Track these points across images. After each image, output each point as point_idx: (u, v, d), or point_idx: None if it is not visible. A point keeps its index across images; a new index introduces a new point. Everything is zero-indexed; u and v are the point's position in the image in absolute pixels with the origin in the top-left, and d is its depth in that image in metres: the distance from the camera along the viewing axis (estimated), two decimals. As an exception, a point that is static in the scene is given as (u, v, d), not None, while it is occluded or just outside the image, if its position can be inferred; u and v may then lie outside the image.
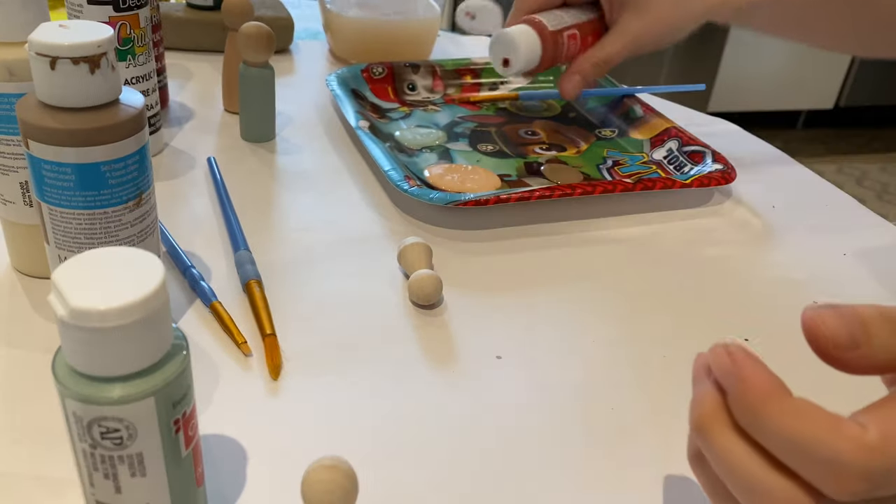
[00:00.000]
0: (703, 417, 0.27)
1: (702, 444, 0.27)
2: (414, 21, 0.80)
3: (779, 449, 0.25)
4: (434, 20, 0.80)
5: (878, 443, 0.24)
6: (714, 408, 0.27)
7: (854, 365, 0.26)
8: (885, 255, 0.54)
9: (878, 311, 0.26)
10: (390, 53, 0.77)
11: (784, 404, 0.25)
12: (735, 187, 0.61)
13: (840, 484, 0.24)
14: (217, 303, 0.42)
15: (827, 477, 0.24)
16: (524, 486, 0.34)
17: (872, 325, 0.26)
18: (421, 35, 0.80)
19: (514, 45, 0.58)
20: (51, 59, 0.33)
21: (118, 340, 0.23)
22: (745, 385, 0.25)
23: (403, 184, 0.52)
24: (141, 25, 0.53)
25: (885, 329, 0.26)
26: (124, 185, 0.36)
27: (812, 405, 0.25)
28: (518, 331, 0.43)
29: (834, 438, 0.24)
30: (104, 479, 0.26)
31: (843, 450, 0.23)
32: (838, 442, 0.24)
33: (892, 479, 0.24)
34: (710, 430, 0.27)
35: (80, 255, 0.25)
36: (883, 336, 0.26)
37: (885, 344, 0.26)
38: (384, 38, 0.78)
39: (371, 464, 0.34)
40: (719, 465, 0.27)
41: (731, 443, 0.26)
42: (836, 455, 0.23)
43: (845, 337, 0.26)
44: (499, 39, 0.59)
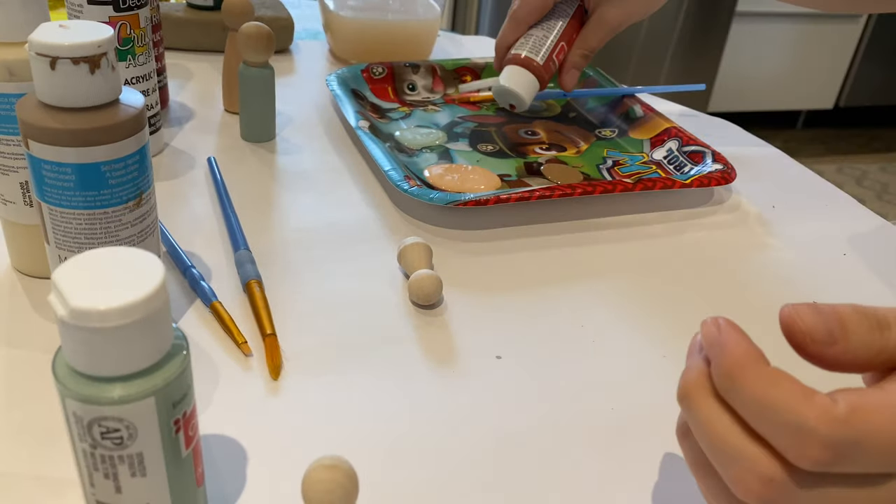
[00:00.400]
0: (687, 386, 0.28)
1: (685, 413, 0.28)
2: (414, 21, 0.80)
3: (751, 414, 0.25)
4: (434, 20, 0.80)
5: (845, 415, 0.24)
6: (698, 377, 0.28)
7: (832, 361, 0.27)
8: (885, 255, 0.54)
9: (856, 310, 0.26)
10: (390, 53, 0.77)
11: (759, 371, 0.25)
12: (735, 187, 0.61)
13: (804, 450, 0.24)
14: (217, 303, 0.42)
15: (792, 443, 0.24)
16: (524, 485, 0.34)
17: (850, 322, 0.26)
18: (421, 35, 0.80)
19: (514, 94, 0.61)
20: (51, 59, 0.33)
21: (118, 340, 0.23)
22: (725, 351, 0.26)
23: (403, 184, 0.52)
24: (141, 25, 0.53)
25: (862, 326, 0.26)
26: (124, 185, 0.36)
27: (787, 375, 0.25)
28: (518, 331, 0.43)
29: (803, 406, 0.24)
30: (104, 479, 0.26)
31: (809, 417, 0.24)
32: (806, 410, 0.24)
33: (856, 453, 0.24)
34: (692, 399, 0.27)
35: (80, 255, 0.25)
36: (861, 333, 0.26)
37: (863, 340, 0.26)
38: (384, 38, 0.78)
39: (371, 463, 0.34)
40: (698, 432, 0.27)
41: (710, 409, 0.27)
42: (803, 422, 0.24)
43: (822, 332, 0.26)
44: (499, 93, 0.62)
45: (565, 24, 0.63)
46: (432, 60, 0.73)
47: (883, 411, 0.24)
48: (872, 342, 0.26)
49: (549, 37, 0.62)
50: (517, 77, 0.60)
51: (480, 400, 0.38)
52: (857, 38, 2.53)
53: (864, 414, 0.24)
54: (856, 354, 0.26)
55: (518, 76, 0.60)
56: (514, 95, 0.61)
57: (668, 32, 2.25)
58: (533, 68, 0.60)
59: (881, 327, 0.26)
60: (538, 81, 0.61)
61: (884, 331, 0.26)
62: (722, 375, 0.26)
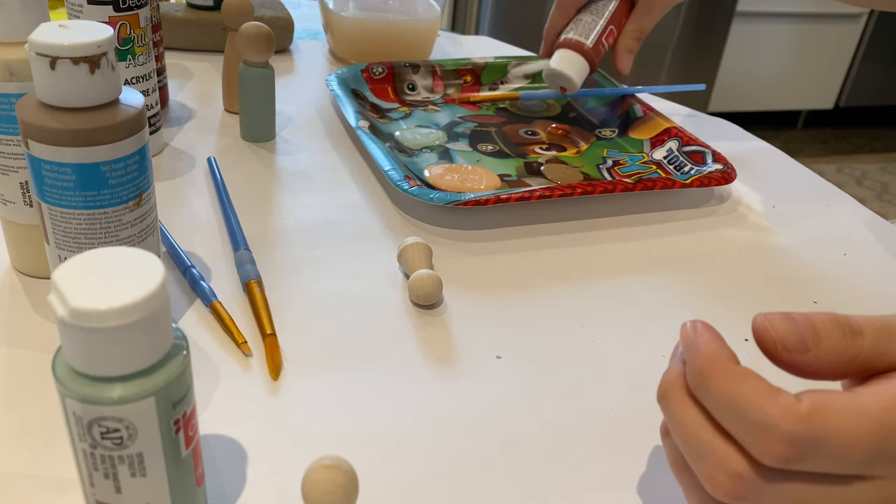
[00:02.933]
0: (665, 385, 0.28)
1: (663, 412, 0.29)
2: (414, 21, 0.80)
3: (719, 411, 0.26)
4: (434, 20, 0.80)
5: (807, 412, 0.25)
6: (675, 378, 0.28)
7: (806, 368, 0.27)
8: (885, 256, 0.54)
9: (829, 317, 0.27)
10: (390, 53, 0.77)
11: (727, 369, 0.26)
12: (735, 187, 0.61)
13: (767, 446, 0.25)
14: (217, 303, 0.42)
15: (756, 438, 0.25)
16: (524, 485, 0.34)
17: (823, 330, 0.27)
18: (421, 35, 0.80)
19: (566, 77, 0.62)
20: (51, 59, 0.33)
21: (118, 340, 0.23)
22: (697, 351, 0.27)
23: (403, 184, 0.52)
24: (141, 25, 0.53)
25: (835, 333, 0.26)
26: (124, 185, 0.36)
27: (754, 374, 0.26)
28: (518, 331, 0.43)
29: (766, 403, 0.25)
30: (104, 479, 0.26)
31: (772, 413, 0.25)
32: (769, 406, 0.25)
33: (816, 451, 0.25)
34: (668, 397, 0.28)
35: (80, 255, 0.25)
36: (833, 339, 0.26)
37: (835, 347, 0.26)
38: (384, 38, 0.78)
39: (371, 463, 0.34)
40: (674, 430, 0.28)
41: (684, 407, 0.27)
42: (766, 418, 0.25)
43: (794, 340, 0.27)
44: (550, 76, 0.63)
45: (614, 7, 0.63)
46: (432, 60, 0.73)
47: (846, 412, 0.25)
48: (845, 349, 0.26)
49: (599, 21, 0.63)
50: (568, 60, 0.61)
51: (480, 400, 0.38)
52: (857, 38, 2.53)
53: (826, 413, 0.25)
54: (829, 361, 0.27)
55: (569, 59, 0.61)
56: (565, 78, 0.62)
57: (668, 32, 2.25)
58: (583, 51, 0.61)
59: (853, 334, 0.27)
60: (588, 64, 0.62)
61: (856, 337, 0.26)
62: (694, 374, 0.27)
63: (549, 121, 0.69)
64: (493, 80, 0.75)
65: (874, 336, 0.27)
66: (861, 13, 2.47)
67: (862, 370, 0.27)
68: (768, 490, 0.26)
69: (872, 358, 0.27)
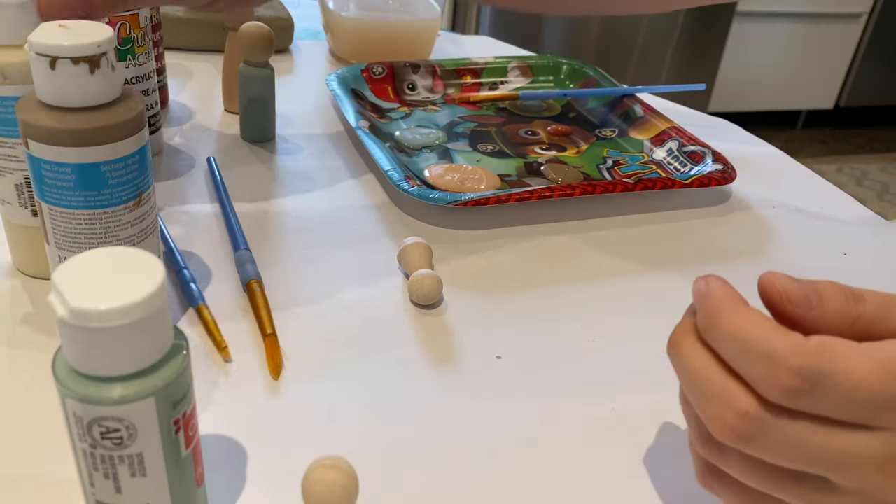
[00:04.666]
0: (675, 335, 0.29)
1: (672, 361, 0.29)
2: (414, 21, 0.80)
3: (727, 349, 0.26)
4: (434, 20, 0.80)
5: (816, 348, 0.25)
6: (684, 327, 0.29)
7: (808, 327, 0.27)
8: (886, 256, 0.54)
9: (833, 283, 0.28)
10: (390, 53, 0.77)
11: (738, 309, 0.27)
12: (735, 187, 0.61)
13: (774, 379, 0.25)
14: (203, 306, 0.41)
15: (764, 372, 0.25)
16: (524, 485, 0.34)
17: (826, 292, 0.27)
18: (421, 35, 0.80)
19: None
20: (51, 59, 0.33)
21: (118, 340, 0.23)
22: (708, 294, 0.28)
23: (403, 184, 0.52)
24: (141, 25, 0.53)
25: (838, 296, 0.27)
26: (124, 185, 0.36)
27: (764, 316, 0.26)
28: (518, 331, 0.43)
29: (774, 337, 0.25)
30: (104, 479, 0.26)
31: (779, 347, 0.25)
32: (778, 341, 0.25)
33: (825, 386, 0.25)
34: (678, 344, 0.28)
35: (80, 255, 0.25)
36: (836, 302, 0.27)
37: (838, 309, 0.27)
38: (384, 38, 0.78)
39: (371, 463, 0.34)
40: (682, 375, 0.28)
41: (692, 351, 0.28)
42: (773, 350, 0.25)
43: (799, 296, 0.27)
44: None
45: None
46: (432, 60, 0.73)
47: (854, 353, 0.25)
48: (848, 311, 0.27)
49: None
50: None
51: (480, 400, 0.38)
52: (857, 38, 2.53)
53: (835, 351, 0.25)
54: (830, 321, 0.27)
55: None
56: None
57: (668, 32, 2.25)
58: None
59: (856, 299, 0.27)
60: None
61: (858, 302, 0.27)
62: (704, 315, 0.27)
63: (549, 121, 0.69)
64: (493, 80, 0.75)
65: (875, 303, 0.27)
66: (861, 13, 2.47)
67: (863, 334, 0.27)
68: (774, 429, 0.26)
69: (874, 323, 0.27)
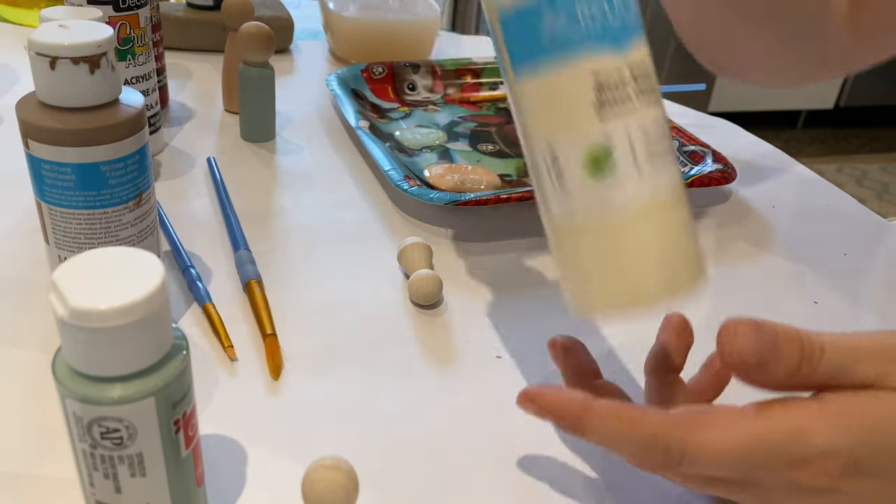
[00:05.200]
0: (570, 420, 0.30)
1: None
2: (414, 21, 0.80)
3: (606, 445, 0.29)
4: (434, 20, 0.80)
5: (672, 426, 0.27)
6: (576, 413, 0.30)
7: (754, 381, 0.28)
8: (886, 255, 0.54)
9: (795, 338, 0.27)
10: (390, 53, 0.77)
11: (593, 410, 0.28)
12: (735, 187, 0.61)
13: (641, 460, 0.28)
14: (209, 304, 0.41)
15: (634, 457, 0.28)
16: (524, 485, 0.34)
17: (783, 350, 0.27)
18: (421, 35, 0.80)
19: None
20: (51, 58, 0.33)
21: (118, 340, 0.23)
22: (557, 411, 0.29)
23: (403, 184, 0.52)
24: (141, 25, 0.53)
25: (793, 356, 0.27)
26: (124, 185, 0.36)
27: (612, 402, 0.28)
28: (518, 331, 0.43)
29: (632, 427, 0.28)
30: (104, 479, 0.26)
31: (642, 434, 0.27)
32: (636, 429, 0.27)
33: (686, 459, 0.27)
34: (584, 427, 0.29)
35: (80, 255, 0.25)
36: (790, 363, 0.27)
37: (789, 370, 0.27)
38: (384, 38, 0.78)
39: (371, 464, 0.34)
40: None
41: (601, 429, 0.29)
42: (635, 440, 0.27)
43: (752, 355, 0.27)
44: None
45: None
46: (432, 60, 0.73)
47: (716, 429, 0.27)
48: (799, 370, 0.27)
49: None
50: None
51: (480, 400, 0.38)
52: (858, 38, 2.53)
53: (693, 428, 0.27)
54: (778, 380, 0.27)
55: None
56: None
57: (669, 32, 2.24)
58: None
59: (811, 356, 0.27)
60: None
61: (812, 360, 0.27)
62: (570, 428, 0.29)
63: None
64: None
65: (833, 358, 0.27)
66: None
67: (823, 386, 0.27)
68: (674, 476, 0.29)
69: (836, 374, 0.27)
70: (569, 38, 0.25)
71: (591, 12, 0.25)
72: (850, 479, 0.26)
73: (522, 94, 0.28)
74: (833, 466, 0.26)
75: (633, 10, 0.27)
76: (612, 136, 0.25)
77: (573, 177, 0.26)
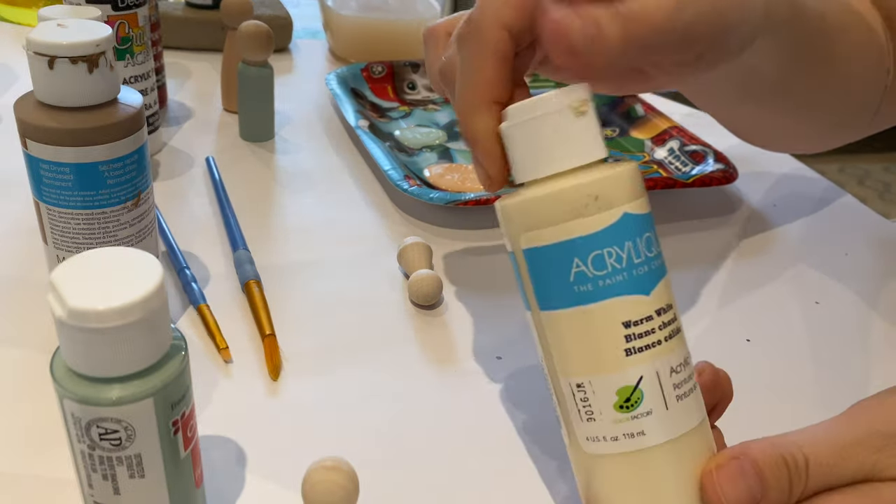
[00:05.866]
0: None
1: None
2: (414, 20, 0.80)
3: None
4: (434, 19, 0.80)
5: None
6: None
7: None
8: (887, 255, 0.54)
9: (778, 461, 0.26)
10: (390, 52, 0.77)
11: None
12: (737, 187, 0.61)
13: None
14: (204, 306, 0.41)
15: None
16: (524, 485, 0.34)
17: (771, 477, 0.26)
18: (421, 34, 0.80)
19: None
20: (49, 58, 0.33)
21: (117, 341, 0.23)
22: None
23: (403, 183, 0.52)
24: (139, 24, 0.53)
25: (782, 479, 0.26)
26: (123, 184, 0.36)
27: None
28: (519, 331, 0.43)
29: None
30: (103, 481, 0.26)
31: None
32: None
33: None
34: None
35: (78, 256, 0.24)
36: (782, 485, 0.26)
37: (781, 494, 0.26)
38: (384, 38, 0.78)
39: (372, 464, 0.34)
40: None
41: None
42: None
43: (744, 500, 0.26)
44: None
45: None
46: (432, 60, 0.73)
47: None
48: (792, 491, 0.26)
49: None
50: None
51: (480, 400, 0.38)
52: (858, 38, 2.53)
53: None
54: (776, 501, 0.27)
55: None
56: None
57: (668, 32, 2.24)
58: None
59: (798, 473, 0.26)
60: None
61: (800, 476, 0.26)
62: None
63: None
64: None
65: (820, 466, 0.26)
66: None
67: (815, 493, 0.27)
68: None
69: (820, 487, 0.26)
70: (598, 284, 0.26)
71: (622, 259, 0.26)
72: None
73: (547, 325, 0.28)
74: None
75: (659, 254, 0.29)
76: (642, 375, 0.26)
77: (600, 410, 0.27)
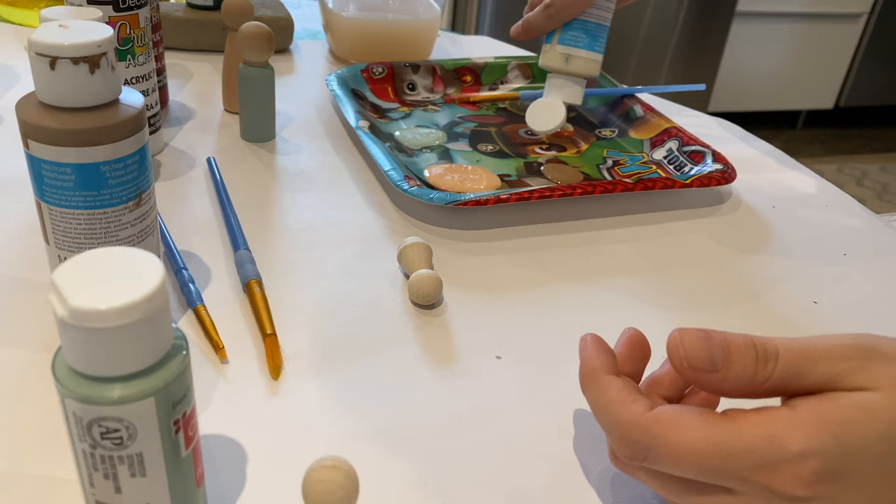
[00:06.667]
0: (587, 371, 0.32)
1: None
2: (414, 21, 0.80)
3: (594, 413, 0.31)
4: (434, 20, 0.80)
5: (646, 423, 0.28)
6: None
7: (714, 387, 0.28)
8: (886, 256, 0.54)
9: (748, 341, 0.28)
10: (390, 53, 0.77)
11: (599, 380, 0.31)
12: (735, 187, 0.61)
13: (616, 447, 0.29)
14: (201, 307, 0.41)
15: (611, 439, 0.30)
16: (524, 486, 0.34)
17: (736, 352, 0.28)
18: (421, 35, 0.80)
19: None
20: (51, 58, 0.33)
21: (118, 340, 0.23)
22: (581, 364, 0.32)
23: (403, 184, 0.52)
24: (141, 25, 0.53)
25: (748, 357, 0.28)
26: (124, 185, 0.36)
27: (619, 384, 0.30)
28: (518, 331, 0.43)
29: (619, 412, 0.29)
30: (104, 480, 0.26)
31: (620, 421, 0.29)
32: (620, 413, 0.29)
33: (652, 457, 0.28)
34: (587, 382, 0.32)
35: (79, 255, 0.25)
36: (745, 363, 0.28)
37: (745, 370, 0.28)
38: (384, 38, 0.78)
39: (372, 464, 0.34)
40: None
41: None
42: (615, 424, 0.29)
43: (703, 359, 0.28)
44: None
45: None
46: (432, 60, 0.73)
47: (685, 429, 0.27)
48: (755, 373, 0.27)
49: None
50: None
51: (480, 400, 0.38)
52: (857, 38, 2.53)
53: (665, 425, 0.27)
54: (736, 383, 0.28)
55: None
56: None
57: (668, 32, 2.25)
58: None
59: (766, 359, 0.28)
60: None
61: (768, 362, 0.27)
62: (580, 383, 0.32)
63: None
64: (493, 80, 0.75)
65: (789, 361, 0.27)
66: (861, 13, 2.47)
67: (774, 392, 0.28)
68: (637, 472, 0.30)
69: (787, 381, 0.27)
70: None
71: None
72: (825, 485, 0.26)
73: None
74: (808, 472, 0.26)
75: None
76: None
77: None
